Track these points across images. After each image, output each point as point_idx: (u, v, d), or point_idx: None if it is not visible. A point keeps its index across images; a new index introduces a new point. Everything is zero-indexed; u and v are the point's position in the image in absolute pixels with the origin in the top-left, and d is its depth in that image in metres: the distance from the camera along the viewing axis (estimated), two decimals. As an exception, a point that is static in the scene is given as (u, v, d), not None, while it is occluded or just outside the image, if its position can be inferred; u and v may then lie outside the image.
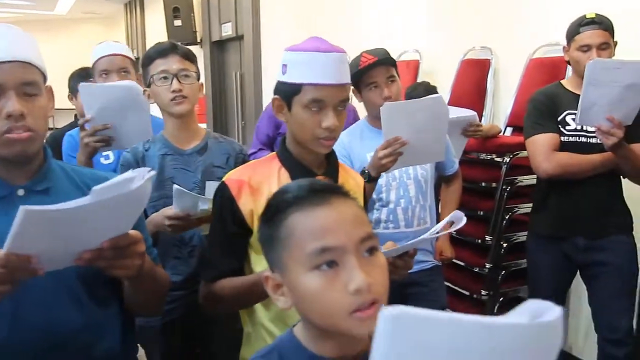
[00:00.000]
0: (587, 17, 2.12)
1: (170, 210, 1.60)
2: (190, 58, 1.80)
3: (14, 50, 1.09)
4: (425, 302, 2.10)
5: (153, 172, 0.97)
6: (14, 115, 1.07)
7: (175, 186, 1.58)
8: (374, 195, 2.06)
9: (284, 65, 1.31)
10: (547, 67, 2.98)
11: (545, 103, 2.21)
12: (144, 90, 1.79)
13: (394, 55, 4.16)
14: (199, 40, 8.09)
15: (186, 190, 1.59)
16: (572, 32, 2.15)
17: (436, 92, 3.01)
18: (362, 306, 0.79)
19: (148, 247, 1.23)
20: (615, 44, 2.14)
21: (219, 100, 7.90)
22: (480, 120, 3.27)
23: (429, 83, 3.06)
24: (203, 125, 7.84)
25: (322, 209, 0.84)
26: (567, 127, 2.16)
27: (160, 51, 1.75)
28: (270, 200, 0.92)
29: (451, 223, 1.27)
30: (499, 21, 3.33)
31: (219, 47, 7.66)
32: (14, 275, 0.93)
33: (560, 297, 2.40)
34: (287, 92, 1.31)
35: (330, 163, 1.40)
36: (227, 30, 7.20)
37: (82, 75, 2.58)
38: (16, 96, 1.08)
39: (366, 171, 1.83)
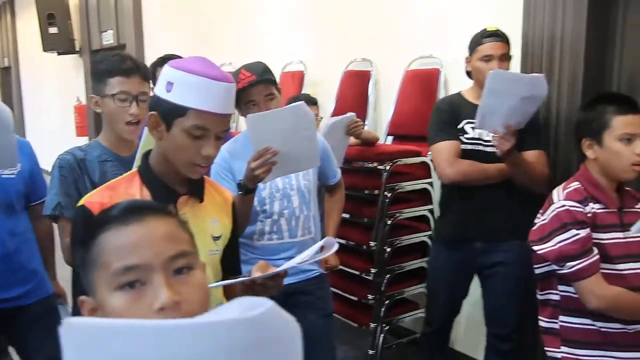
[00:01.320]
0: (489, 29, 2.23)
1: None
2: (149, 78, 1.83)
3: None
4: (312, 310, 2.12)
5: None
6: None
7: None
8: (258, 207, 2.06)
9: (169, 83, 1.26)
10: (422, 78, 3.15)
11: (448, 111, 2.29)
12: (91, 97, 1.78)
13: (278, 67, 4.20)
14: (77, 49, 7.67)
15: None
16: (475, 43, 2.24)
17: (316, 103, 3.08)
18: None
19: None
20: (510, 57, 2.26)
21: (101, 111, 7.52)
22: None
23: (309, 95, 3.13)
24: (85, 139, 7.38)
25: (132, 227, 0.81)
26: (466, 136, 2.26)
27: (124, 70, 1.74)
28: (89, 221, 0.89)
29: (323, 247, 1.29)
30: (377, 34, 3.46)
31: (100, 56, 7.32)
32: None
33: (458, 300, 2.49)
34: (169, 112, 1.26)
35: (195, 180, 1.36)
36: (108, 39, 6.90)
37: None
38: None
39: (242, 184, 1.82)
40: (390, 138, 3.31)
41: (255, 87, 1.97)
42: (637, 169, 1.66)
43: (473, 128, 2.23)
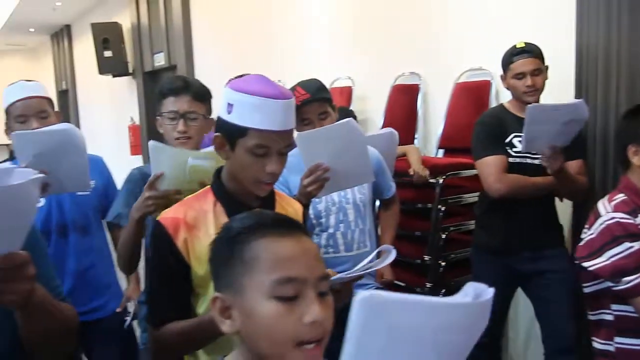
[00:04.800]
0: (518, 46, 2.27)
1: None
2: (202, 98, 1.83)
3: None
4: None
5: (40, 175, 0.88)
6: None
7: (150, 142, 1.60)
8: (314, 220, 2.09)
9: (230, 105, 1.30)
10: (472, 90, 3.13)
11: (494, 126, 2.32)
12: (156, 118, 1.85)
13: (327, 82, 4.24)
14: (130, 71, 7.96)
15: (164, 145, 1.64)
16: (507, 62, 2.28)
17: (354, 116, 3.06)
18: (312, 339, 0.81)
19: (56, 286, 1.16)
20: (546, 68, 2.28)
21: (154, 131, 7.75)
22: (412, 142, 3.38)
23: (347, 108, 3.09)
24: (138, 157, 7.50)
25: (289, 240, 0.85)
26: (514, 149, 2.29)
27: (173, 89, 1.79)
28: (229, 223, 0.93)
29: (381, 253, 1.32)
30: (425, 48, 3.47)
31: (152, 78, 7.56)
32: None
33: (504, 309, 2.49)
34: (231, 133, 1.31)
35: (266, 195, 1.40)
36: (160, 61, 7.13)
37: None
38: None
39: (295, 199, 1.85)
40: (441, 151, 3.30)
41: (309, 105, 2.00)
42: None
43: (521, 142, 2.22)
